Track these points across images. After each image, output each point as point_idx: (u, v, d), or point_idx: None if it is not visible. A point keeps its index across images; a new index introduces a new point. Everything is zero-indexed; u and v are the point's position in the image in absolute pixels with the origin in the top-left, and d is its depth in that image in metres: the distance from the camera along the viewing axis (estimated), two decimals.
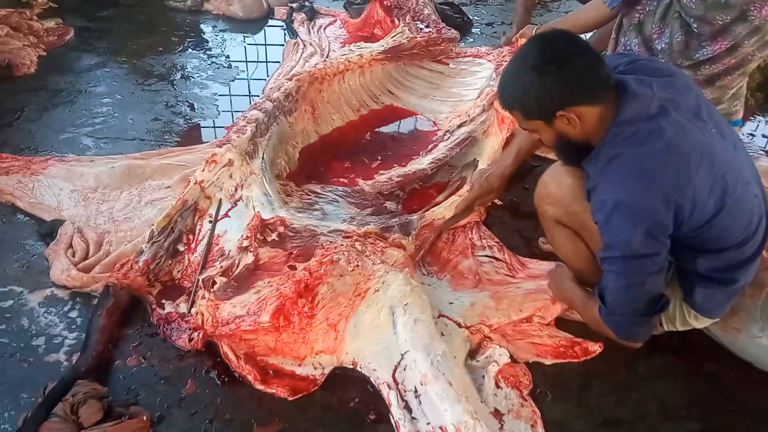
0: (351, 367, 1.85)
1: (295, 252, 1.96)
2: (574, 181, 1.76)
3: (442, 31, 3.44)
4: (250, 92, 3.34)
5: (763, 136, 3.35)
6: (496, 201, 2.58)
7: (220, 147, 2.21)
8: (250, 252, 1.93)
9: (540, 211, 1.93)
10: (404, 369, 1.77)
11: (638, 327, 1.67)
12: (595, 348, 1.94)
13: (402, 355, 1.79)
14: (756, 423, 1.83)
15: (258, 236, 1.97)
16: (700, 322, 1.84)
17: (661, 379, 1.91)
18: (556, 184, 1.81)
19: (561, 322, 2.05)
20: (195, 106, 3.14)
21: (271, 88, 2.76)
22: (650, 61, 1.82)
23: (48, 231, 2.25)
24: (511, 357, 1.90)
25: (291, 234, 2.03)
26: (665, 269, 1.59)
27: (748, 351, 1.96)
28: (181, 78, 3.39)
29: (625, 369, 1.92)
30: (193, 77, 3.41)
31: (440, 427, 1.62)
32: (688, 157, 1.49)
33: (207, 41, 3.86)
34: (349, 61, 2.97)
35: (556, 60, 1.49)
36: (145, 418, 1.66)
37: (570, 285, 1.94)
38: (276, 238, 2.00)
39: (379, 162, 2.74)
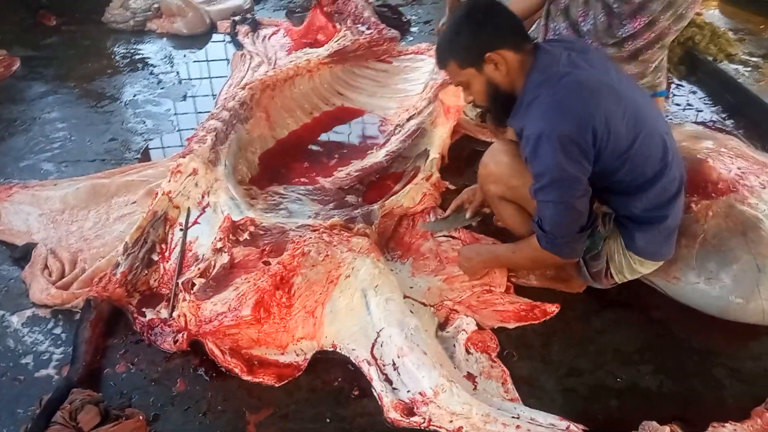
0: (331, 349, 1.97)
1: (267, 248, 2.06)
2: (510, 159, 1.95)
3: (383, 32, 3.59)
4: (195, 108, 3.42)
5: (688, 104, 3.59)
6: (449, 186, 2.73)
7: (183, 158, 2.30)
8: (225, 252, 2.03)
9: (484, 191, 2.12)
10: (381, 345, 1.91)
11: (576, 244, 1.87)
12: (553, 309, 2.11)
13: (378, 333, 1.92)
14: (702, 360, 2.01)
15: (230, 237, 2.07)
16: (646, 267, 2.03)
17: (614, 330, 2.09)
18: (494, 164, 2.00)
19: (520, 289, 2.21)
20: (150, 122, 3.21)
21: (225, 98, 2.85)
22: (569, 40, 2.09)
23: (22, 255, 2.30)
24: (478, 325, 2.05)
25: (261, 232, 2.14)
26: (589, 194, 1.79)
27: (689, 297, 2.15)
28: (132, 97, 3.44)
29: (581, 325, 2.09)
30: (144, 95, 3.47)
31: (420, 393, 1.76)
32: (598, 90, 1.72)
33: (154, 59, 3.91)
34: (298, 67, 3.09)
35: (482, 10, 1.77)
36: (141, 417, 1.74)
37: (484, 249, 2.18)
38: (248, 237, 2.10)
39: (336, 159, 2.86)
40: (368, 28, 3.61)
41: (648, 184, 1.83)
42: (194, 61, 3.89)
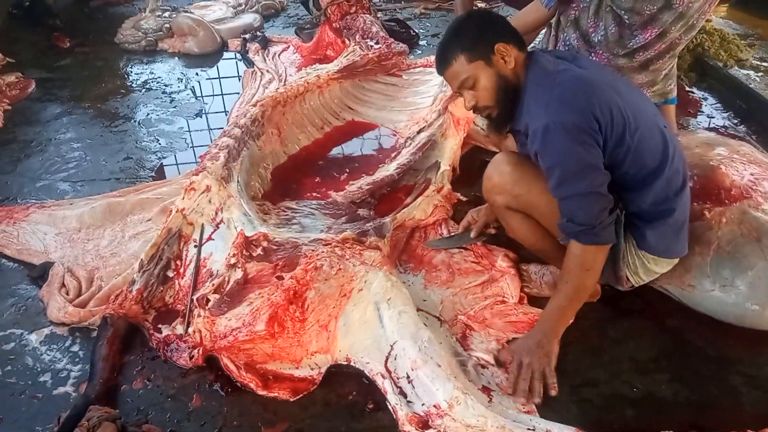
0: (345, 363, 1.97)
1: (280, 263, 2.08)
2: (513, 168, 1.97)
3: (392, 46, 3.63)
4: (208, 125, 3.46)
5: (700, 111, 3.58)
6: (461, 197, 2.74)
7: (197, 175, 2.33)
8: (239, 268, 2.05)
9: (491, 203, 2.13)
10: (395, 358, 1.91)
11: (611, 226, 1.82)
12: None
13: (391, 346, 1.92)
14: (718, 368, 2.00)
15: (244, 252, 2.09)
16: (660, 266, 2.03)
17: (629, 339, 2.08)
18: (498, 174, 2.01)
19: (533, 300, 2.21)
20: (163, 141, 3.25)
21: (237, 116, 2.88)
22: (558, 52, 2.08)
23: (39, 274, 2.33)
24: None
25: (274, 247, 2.16)
26: (609, 178, 1.78)
27: (704, 304, 2.14)
28: (146, 117, 3.50)
29: (596, 334, 2.08)
30: (158, 114, 3.52)
31: (434, 405, 1.76)
32: (595, 84, 1.75)
33: (166, 79, 3.97)
34: (308, 83, 3.12)
35: (482, 14, 1.95)
36: None
37: (535, 330, 1.92)
38: (261, 253, 2.12)
39: (347, 174, 2.88)
40: (377, 43, 3.65)
41: (652, 176, 1.85)
42: (206, 79, 3.94)
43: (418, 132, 2.92)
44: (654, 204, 1.88)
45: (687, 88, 3.76)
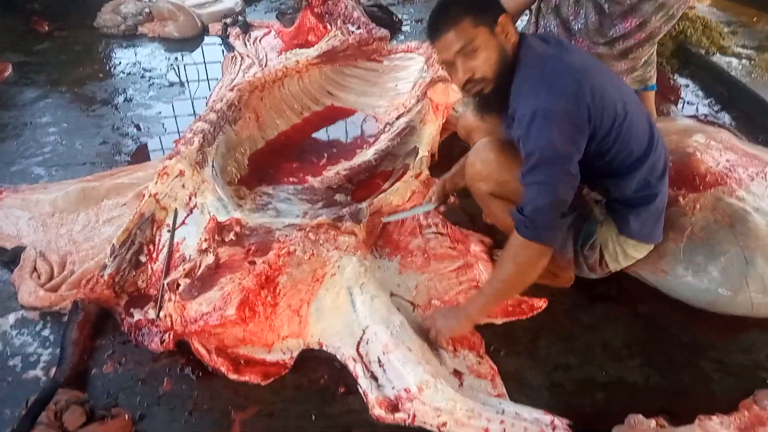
0: (317, 347, 1.97)
1: (252, 248, 2.07)
2: (496, 154, 1.93)
3: (373, 32, 3.60)
4: (194, 110, 3.43)
5: (679, 97, 3.59)
6: None
7: (170, 160, 2.31)
8: (210, 253, 2.03)
9: (474, 190, 2.07)
10: (367, 342, 1.91)
11: (556, 229, 1.79)
12: (541, 303, 2.11)
13: (363, 330, 1.92)
14: (690, 353, 2.01)
15: (216, 237, 2.08)
16: (639, 251, 2.03)
17: (602, 325, 2.09)
18: (481, 162, 1.96)
19: None
20: (141, 125, 3.22)
21: (214, 100, 2.85)
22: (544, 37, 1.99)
23: (11, 258, 2.30)
24: None
25: (247, 233, 2.14)
26: (576, 181, 1.73)
27: (678, 290, 2.15)
28: (123, 101, 3.45)
29: (568, 320, 2.09)
30: (136, 99, 3.48)
31: (405, 389, 1.76)
32: (585, 70, 1.72)
33: (145, 64, 3.92)
34: (287, 68, 3.09)
35: None
36: (127, 417, 1.75)
37: (457, 308, 1.97)
38: (233, 238, 2.10)
39: (326, 159, 2.86)
40: (358, 28, 3.63)
41: (639, 162, 1.84)
42: (186, 65, 3.90)
43: (397, 118, 2.90)
44: (638, 189, 1.88)
45: (669, 76, 3.76)
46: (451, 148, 2.94)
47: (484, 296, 1.90)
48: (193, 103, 3.46)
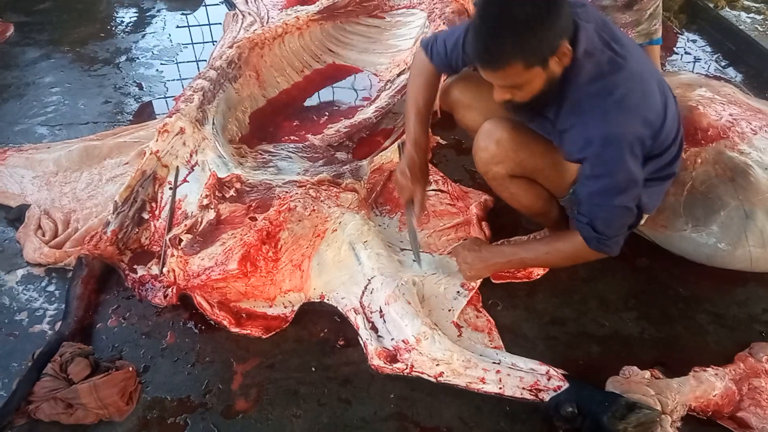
0: (319, 300, 2.01)
1: (253, 204, 2.09)
2: (510, 133, 1.81)
3: None
4: (188, 71, 3.40)
5: (686, 52, 3.53)
6: (440, 141, 2.73)
7: (170, 117, 2.31)
8: (211, 209, 2.05)
9: (490, 175, 1.90)
10: (371, 292, 1.94)
11: (622, 239, 1.75)
12: (540, 272, 2.10)
13: (369, 280, 1.96)
14: (687, 307, 2.03)
15: (216, 194, 2.09)
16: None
17: (599, 279, 2.10)
18: (495, 143, 1.82)
19: None
20: (143, 85, 3.21)
21: (213, 57, 2.84)
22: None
23: (15, 216, 2.34)
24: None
25: (248, 189, 2.16)
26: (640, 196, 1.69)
27: (677, 244, 2.15)
28: (125, 60, 3.44)
29: (566, 274, 2.10)
30: (138, 58, 3.46)
31: (403, 340, 1.80)
32: (643, 77, 1.60)
33: (147, 22, 3.89)
34: (287, 24, 3.06)
35: (552, 3, 1.43)
36: (131, 368, 1.79)
37: (496, 252, 1.98)
38: (234, 194, 2.12)
39: (327, 117, 2.85)
40: None
41: (664, 150, 1.74)
42: (188, 26, 3.86)
43: (398, 75, 2.88)
44: (658, 170, 1.78)
45: (675, 30, 3.69)
46: None
47: (515, 258, 1.94)
48: (197, 64, 3.44)
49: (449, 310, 1.96)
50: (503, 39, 1.44)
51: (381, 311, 1.89)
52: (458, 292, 2.02)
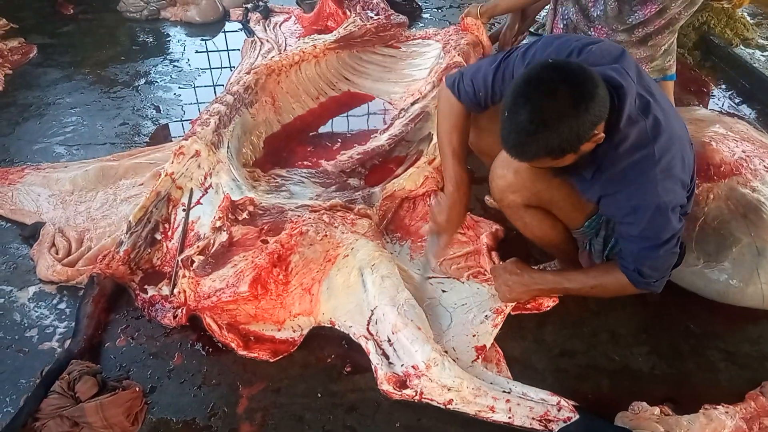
0: (329, 326, 2.00)
1: (265, 228, 2.10)
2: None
3: (391, 18, 3.60)
4: (215, 94, 3.46)
5: (710, 95, 3.54)
6: None
7: (186, 140, 2.35)
8: (224, 231, 2.07)
9: (506, 203, 1.90)
10: (375, 323, 1.94)
11: (667, 278, 1.78)
12: (549, 303, 2.07)
13: (372, 311, 1.95)
14: (698, 343, 2.01)
15: (229, 216, 2.11)
16: None
17: (610, 312, 2.09)
18: (513, 172, 1.81)
19: None
20: (160, 108, 3.26)
21: (231, 83, 2.88)
22: (599, 43, 1.66)
23: (30, 233, 2.36)
24: None
25: (260, 212, 2.17)
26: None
27: (688, 280, 2.14)
28: (144, 83, 3.50)
29: (576, 306, 2.09)
30: (156, 82, 3.52)
31: (413, 366, 1.79)
32: (681, 138, 1.63)
33: (166, 47, 3.97)
34: (304, 52, 3.11)
35: (582, 97, 1.41)
36: (138, 389, 1.80)
37: (534, 275, 1.98)
38: (247, 217, 2.14)
39: (340, 144, 2.88)
40: (377, 14, 3.63)
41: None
42: (207, 51, 3.93)
43: (412, 104, 2.91)
44: None
45: (690, 66, 3.71)
46: None
47: (559, 287, 1.95)
48: (215, 89, 3.49)
49: (473, 336, 1.96)
50: (533, 140, 1.44)
51: (389, 340, 1.89)
52: (486, 316, 2.01)
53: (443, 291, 2.11)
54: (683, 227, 1.67)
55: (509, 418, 1.70)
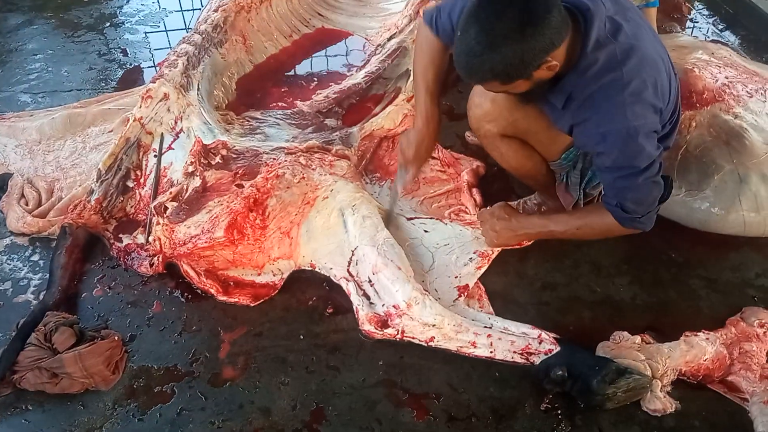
0: (309, 268, 1.98)
1: (240, 172, 2.05)
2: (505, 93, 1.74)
3: None
4: (174, 37, 3.32)
5: (692, 21, 3.46)
6: None
7: (154, 83, 2.26)
8: (197, 176, 2.01)
9: (482, 132, 1.89)
10: (356, 263, 1.91)
11: (655, 214, 1.73)
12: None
13: (352, 251, 1.92)
14: (679, 272, 2.02)
15: (202, 160, 2.06)
16: None
17: (591, 244, 2.07)
18: (490, 101, 1.80)
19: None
20: (128, 51, 3.14)
21: (198, 21, 2.76)
22: None
23: None
24: None
25: (234, 156, 2.12)
26: (664, 165, 1.65)
27: (670, 209, 2.11)
28: (110, 26, 3.35)
29: (558, 240, 2.07)
30: (123, 24, 3.38)
31: (394, 306, 1.78)
32: (654, 62, 1.56)
33: None
34: None
35: (530, 20, 1.37)
36: (117, 338, 1.78)
37: (526, 223, 1.95)
38: (220, 161, 2.08)
39: (316, 83, 2.80)
40: None
41: (663, 126, 1.68)
42: None
43: (389, 39, 2.81)
44: None
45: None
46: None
47: (545, 230, 1.90)
48: (174, 31, 3.36)
49: (456, 277, 1.94)
50: (479, 61, 1.42)
51: (370, 281, 1.87)
52: (470, 258, 1.99)
53: (425, 231, 2.08)
54: (662, 154, 1.62)
55: (491, 352, 1.70)
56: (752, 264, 2.04)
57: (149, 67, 3.05)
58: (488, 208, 2.06)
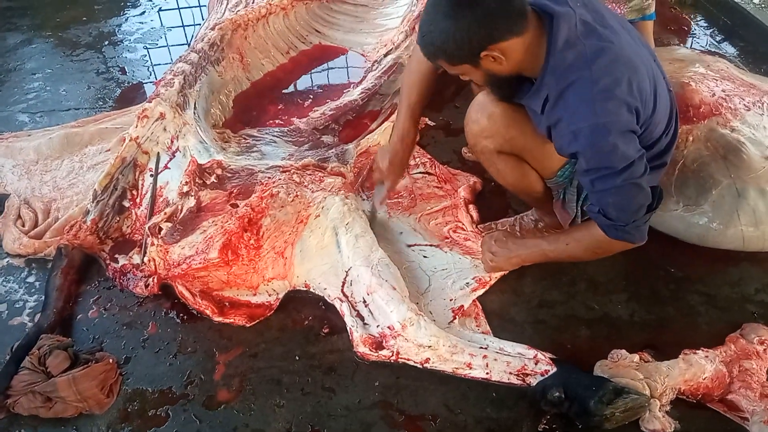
0: (304, 288, 1.97)
1: (235, 191, 2.04)
2: (503, 109, 1.77)
3: None
4: (171, 55, 3.34)
5: (690, 33, 3.46)
6: (428, 122, 2.68)
7: (150, 102, 2.26)
8: (191, 196, 2.01)
9: (479, 148, 1.88)
10: (350, 284, 1.90)
11: (644, 226, 1.69)
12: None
13: (346, 272, 1.91)
14: (678, 288, 2.00)
15: (197, 180, 2.05)
16: None
17: (588, 260, 2.05)
18: (487, 117, 1.79)
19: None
20: (126, 69, 3.15)
21: (195, 40, 2.77)
22: None
23: None
24: None
25: (229, 175, 2.11)
26: (648, 170, 1.60)
27: (668, 224, 2.11)
28: (108, 44, 3.37)
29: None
30: (121, 42, 3.40)
31: (388, 327, 1.77)
32: (630, 63, 1.53)
33: (130, 6, 3.81)
34: (270, 4, 2.99)
35: (467, 3, 1.43)
36: (111, 360, 1.76)
37: (520, 244, 1.94)
38: (215, 180, 2.08)
39: (312, 100, 2.80)
40: None
41: (656, 142, 1.69)
42: (171, 9, 3.78)
43: (385, 55, 2.82)
44: (649, 161, 1.67)
45: (669, 3, 3.62)
46: (441, 86, 2.86)
47: (537, 250, 1.88)
48: (171, 49, 3.37)
49: (451, 300, 1.93)
50: (426, 40, 1.54)
51: (365, 301, 1.86)
52: (467, 283, 1.97)
53: (424, 257, 2.07)
54: (643, 156, 1.56)
55: (487, 373, 1.68)
56: (751, 279, 2.02)
57: (148, 82, 3.07)
58: (490, 233, 2.05)
